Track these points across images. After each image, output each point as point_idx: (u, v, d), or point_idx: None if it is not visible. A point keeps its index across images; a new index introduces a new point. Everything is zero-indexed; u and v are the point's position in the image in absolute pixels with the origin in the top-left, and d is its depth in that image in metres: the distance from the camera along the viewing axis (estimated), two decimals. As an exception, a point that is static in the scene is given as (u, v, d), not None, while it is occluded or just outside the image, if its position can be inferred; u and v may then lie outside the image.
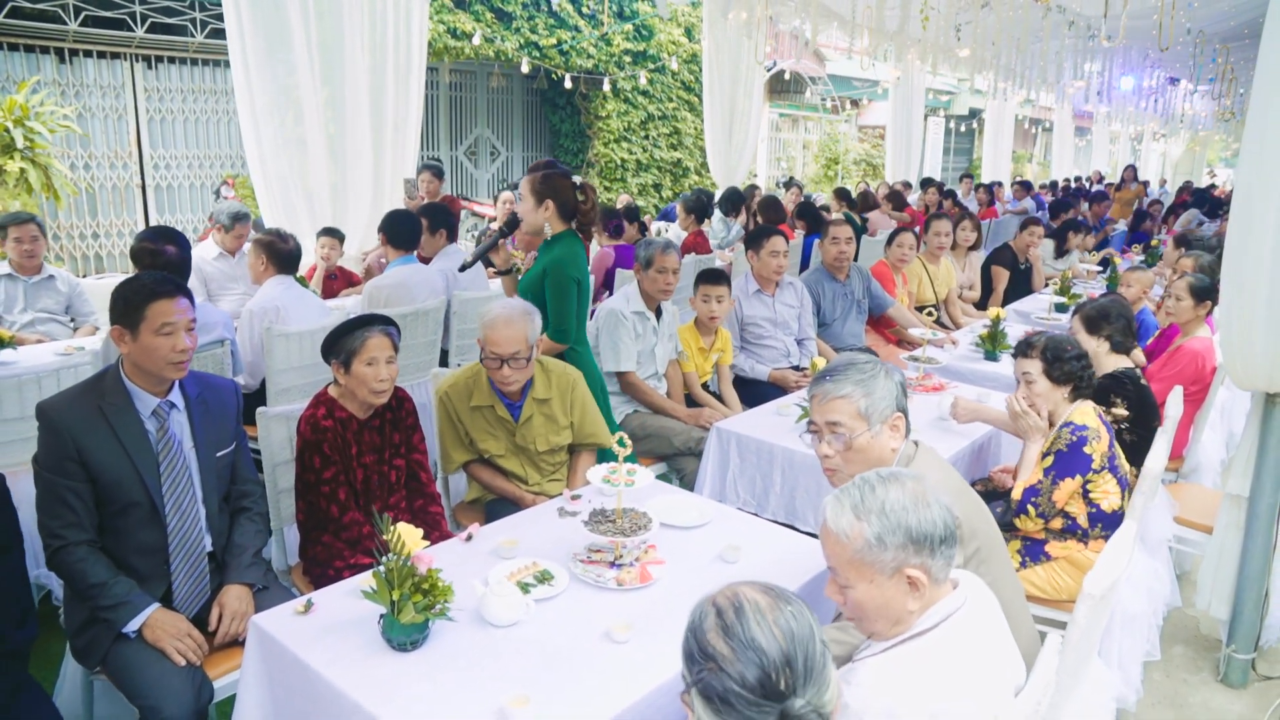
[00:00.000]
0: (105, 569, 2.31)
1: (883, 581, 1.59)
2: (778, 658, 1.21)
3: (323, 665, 1.95)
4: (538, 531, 2.61)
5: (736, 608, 1.26)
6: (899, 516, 1.57)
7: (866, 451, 2.16)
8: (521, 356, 2.92)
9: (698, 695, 1.24)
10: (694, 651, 1.26)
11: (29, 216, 4.92)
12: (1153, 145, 26.26)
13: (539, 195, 3.42)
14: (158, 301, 2.32)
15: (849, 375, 2.19)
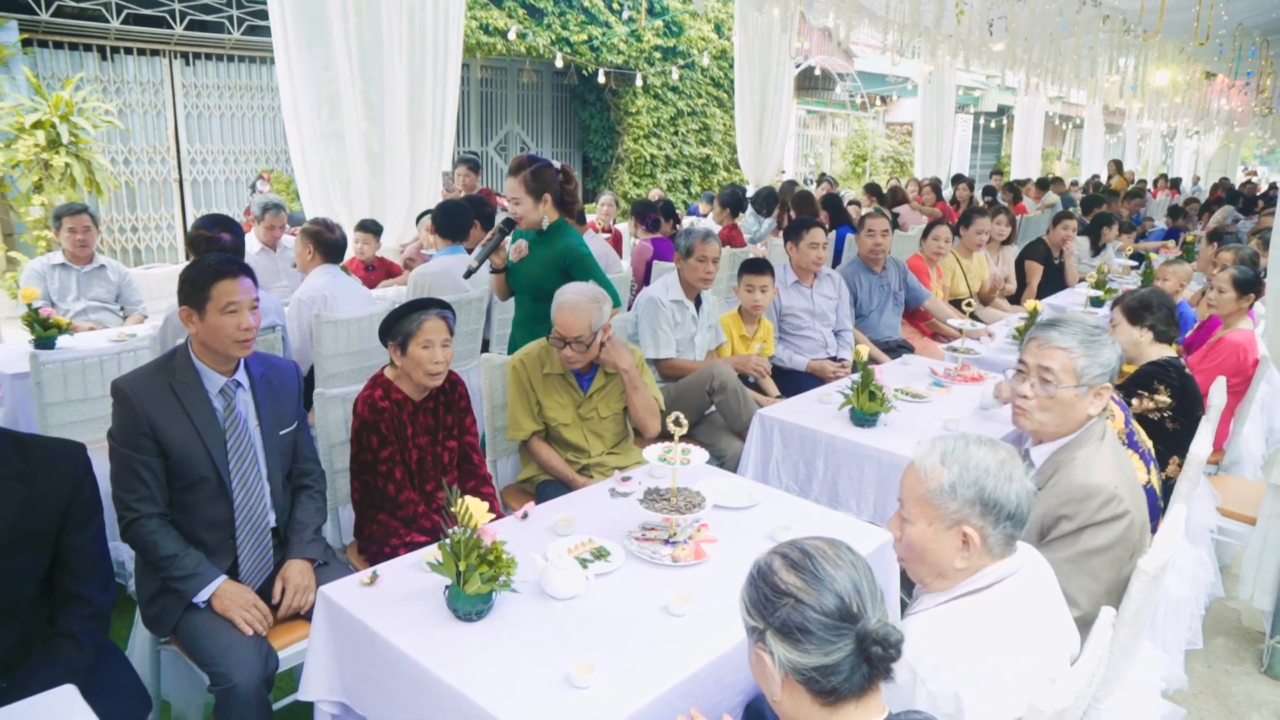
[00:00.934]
0: (176, 541, 2.38)
1: (940, 529, 1.68)
2: (848, 585, 1.32)
3: (391, 633, 2.02)
4: (591, 511, 2.66)
5: (802, 550, 1.38)
6: (977, 475, 1.65)
7: (1064, 407, 2.22)
8: (584, 340, 3.07)
9: (776, 635, 1.32)
10: (766, 595, 1.35)
11: (82, 207, 5.04)
12: (1185, 142, 25.96)
13: (535, 193, 3.51)
14: (222, 281, 2.40)
15: (1076, 332, 2.24)
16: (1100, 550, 2.08)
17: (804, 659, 1.30)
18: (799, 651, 1.31)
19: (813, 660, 1.30)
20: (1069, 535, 2.11)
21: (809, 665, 1.30)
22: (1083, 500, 2.10)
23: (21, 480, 2.01)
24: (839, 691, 1.30)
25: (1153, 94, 12.79)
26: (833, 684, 1.30)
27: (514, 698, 1.81)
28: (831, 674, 1.30)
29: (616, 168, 13.43)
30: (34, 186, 8.24)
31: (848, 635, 1.30)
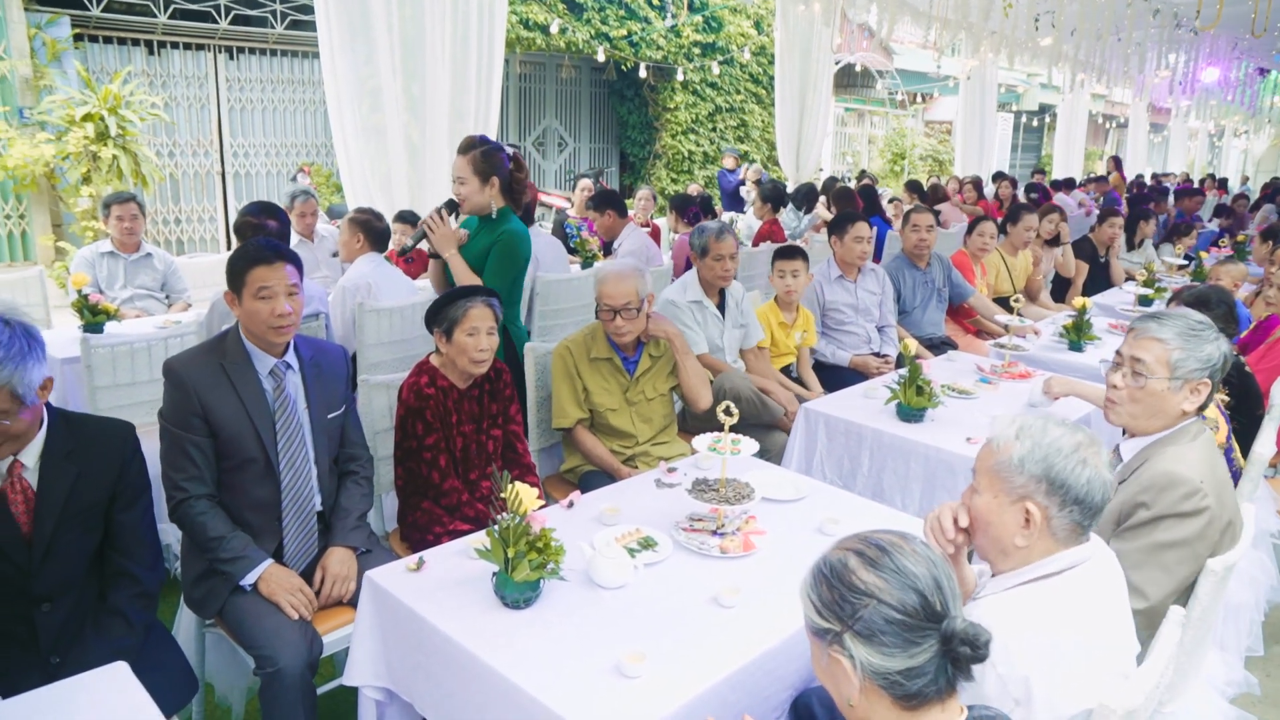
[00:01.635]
0: (224, 523, 2.39)
1: (1004, 502, 1.65)
2: (929, 581, 1.26)
3: (438, 619, 2.00)
4: (637, 501, 2.64)
5: (877, 546, 1.30)
6: (1048, 453, 1.62)
7: (1155, 399, 2.16)
8: (632, 307, 3.11)
9: (856, 637, 1.25)
10: (842, 595, 1.27)
11: (130, 195, 5.10)
12: (1234, 141, 25.40)
13: (483, 174, 3.34)
14: (257, 267, 2.39)
15: (1175, 324, 2.18)
16: (1176, 544, 2.01)
17: (887, 662, 1.23)
18: (882, 654, 1.24)
19: (897, 663, 1.23)
20: (1145, 524, 2.04)
21: (893, 669, 1.23)
22: (1164, 489, 2.03)
23: (72, 459, 2.02)
24: (923, 694, 1.24)
25: (1202, 91, 12.52)
26: (917, 687, 1.23)
27: (564, 686, 1.78)
28: (916, 676, 1.23)
29: (654, 164, 13.39)
30: (82, 178, 8.37)
31: (932, 635, 1.24)
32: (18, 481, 1.97)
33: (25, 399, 1.87)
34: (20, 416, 1.87)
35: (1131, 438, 2.28)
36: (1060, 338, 4.82)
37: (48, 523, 1.98)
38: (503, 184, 3.39)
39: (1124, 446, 2.28)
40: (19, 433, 1.89)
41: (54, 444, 2.00)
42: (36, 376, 1.88)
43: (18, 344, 1.86)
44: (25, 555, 1.96)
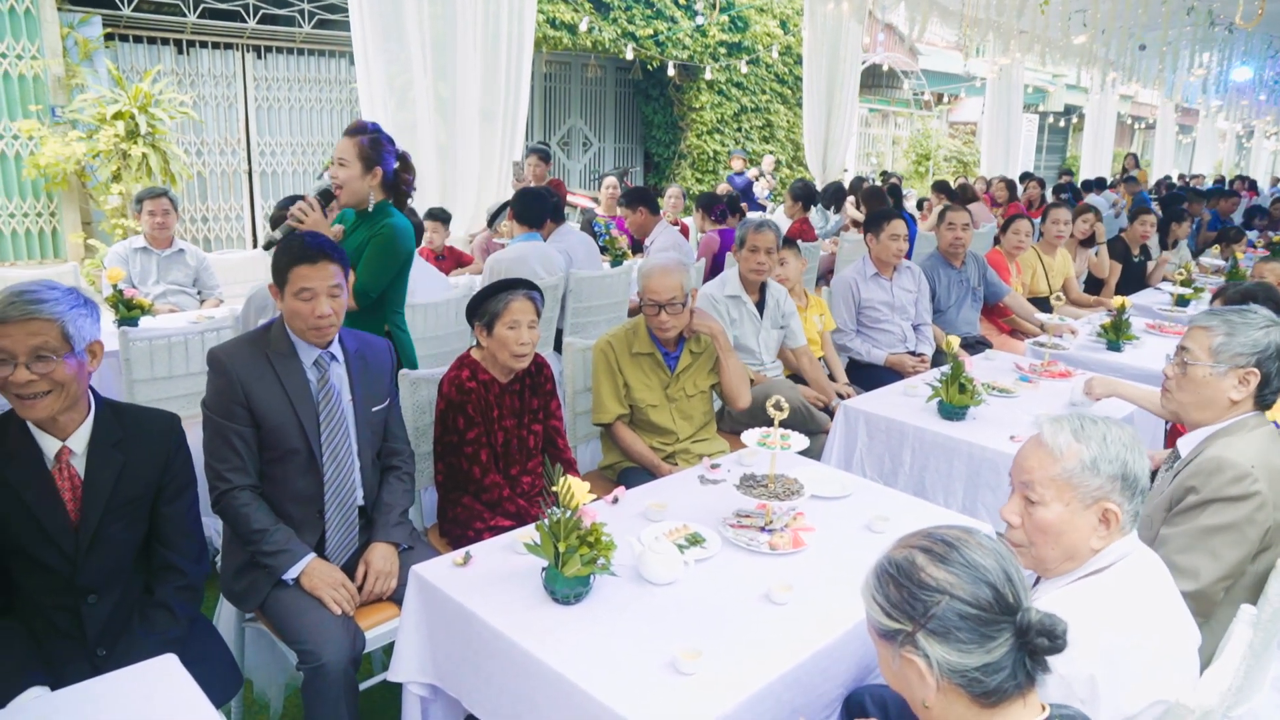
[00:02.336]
0: (268, 516, 2.37)
1: (1078, 509, 1.61)
2: (1000, 574, 1.23)
3: (487, 614, 1.98)
4: (682, 497, 2.60)
5: (943, 541, 1.26)
6: (1119, 451, 1.60)
7: (1200, 386, 2.15)
8: (677, 302, 3.10)
9: (930, 636, 1.21)
10: (912, 594, 1.23)
11: (162, 191, 5.13)
12: (1264, 143, 25.08)
13: (367, 161, 3.10)
14: (300, 266, 2.35)
15: (1227, 313, 2.18)
16: (1224, 528, 1.99)
17: (965, 659, 1.19)
18: (958, 651, 1.20)
19: (974, 659, 1.19)
20: (1193, 508, 2.03)
21: (971, 665, 1.19)
22: (1212, 474, 2.02)
23: (120, 448, 2.01)
24: (1003, 690, 1.20)
25: (1233, 91, 12.36)
26: (996, 683, 1.20)
27: (618, 682, 1.75)
28: (995, 672, 1.20)
29: (679, 163, 13.35)
30: (113, 176, 8.43)
31: (1007, 628, 1.20)
32: (66, 468, 1.96)
33: (74, 344, 1.87)
34: (66, 362, 1.86)
35: (1189, 432, 2.24)
36: (1099, 337, 4.75)
37: (94, 512, 1.96)
38: (385, 177, 3.18)
39: (1182, 443, 2.25)
40: (60, 380, 1.86)
41: (101, 432, 1.99)
42: (87, 329, 1.90)
43: (75, 296, 1.91)
44: (72, 543, 1.95)
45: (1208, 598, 2.00)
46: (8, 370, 1.81)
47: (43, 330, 1.83)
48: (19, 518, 1.90)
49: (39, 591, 1.97)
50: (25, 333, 1.82)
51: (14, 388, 1.84)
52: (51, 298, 1.86)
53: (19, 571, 1.96)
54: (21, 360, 1.82)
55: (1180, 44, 8.64)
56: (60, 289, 1.90)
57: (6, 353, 1.82)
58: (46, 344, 1.84)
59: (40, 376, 1.84)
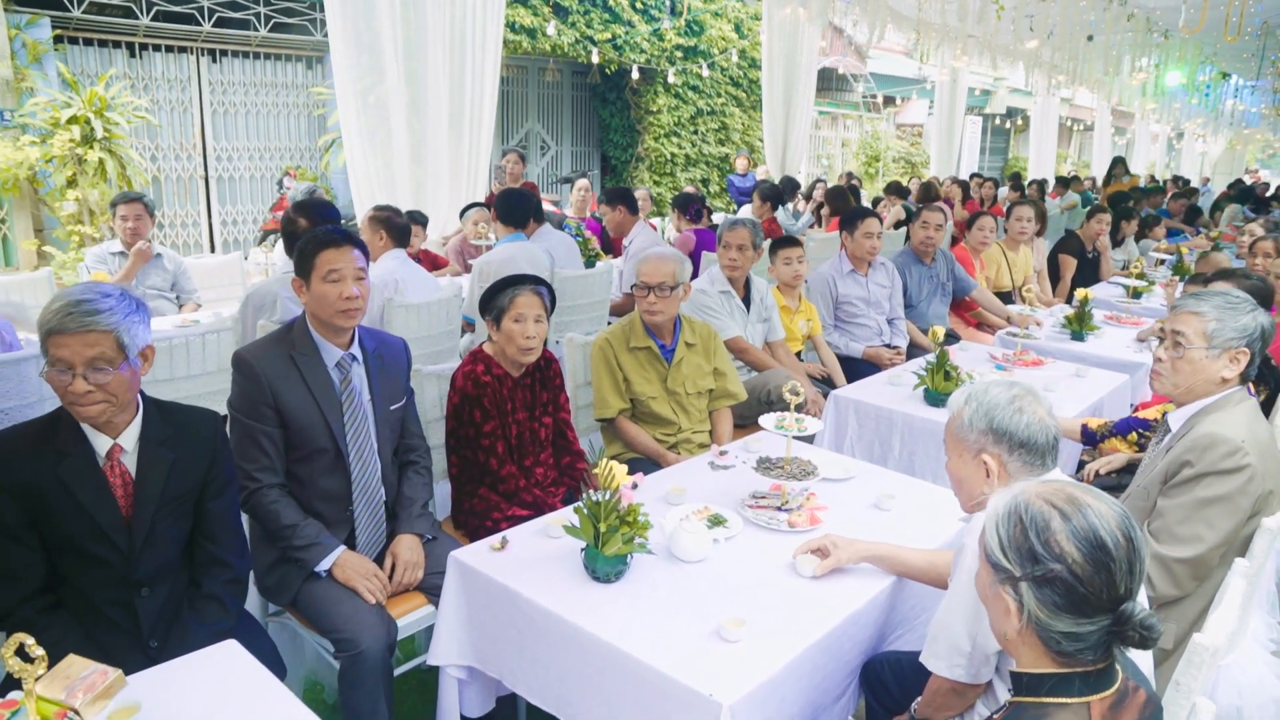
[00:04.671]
0: (296, 511, 2.42)
1: (967, 459, 1.91)
2: (1124, 565, 1.25)
3: (533, 593, 2.06)
4: (695, 482, 2.71)
5: (1083, 514, 1.27)
6: (989, 409, 1.86)
7: (1195, 368, 2.31)
8: (666, 286, 3.23)
9: (1031, 588, 1.26)
10: (1032, 548, 1.27)
11: (137, 195, 5.07)
12: (1192, 144, 26.11)
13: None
14: (325, 250, 2.42)
15: (1213, 299, 2.33)
16: (1218, 499, 2.16)
17: (1053, 621, 1.26)
18: (1050, 613, 1.26)
19: (1062, 626, 1.25)
20: (1189, 481, 2.19)
21: (1056, 629, 1.26)
22: (1206, 449, 2.18)
23: (168, 445, 2.05)
24: (1078, 657, 1.27)
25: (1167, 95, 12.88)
26: (1073, 650, 1.26)
27: (668, 650, 1.85)
28: (1075, 641, 1.26)
29: (636, 166, 13.47)
30: (68, 181, 8.27)
31: (1107, 616, 1.25)
32: (116, 465, 1.99)
33: (128, 352, 1.90)
34: (119, 371, 1.88)
35: (1178, 408, 2.41)
36: (1063, 328, 4.97)
37: (147, 508, 2.00)
38: None
39: (1172, 417, 2.41)
40: (115, 391, 1.89)
41: (150, 431, 2.03)
42: (140, 335, 1.93)
43: (127, 302, 1.94)
44: (126, 539, 1.98)
45: (1205, 563, 2.17)
46: (67, 380, 1.84)
47: (99, 341, 1.86)
48: (73, 515, 1.93)
49: (92, 586, 1.99)
50: (82, 344, 1.84)
51: (71, 396, 1.87)
52: (106, 307, 1.88)
53: (71, 568, 1.98)
54: (79, 371, 1.85)
55: (1122, 48, 9.01)
56: (114, 295, 1.92)
57: (65, 363, 1.84)
58: (103, 355, 1.86)
59: (97, 388, 1.87)
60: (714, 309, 3.96)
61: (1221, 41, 7.81)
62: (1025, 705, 1.31)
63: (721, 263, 4.10)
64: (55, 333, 1.84)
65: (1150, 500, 2.30)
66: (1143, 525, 2.28)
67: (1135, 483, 2.44)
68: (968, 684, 1.84)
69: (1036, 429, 1.85)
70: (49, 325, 1.84)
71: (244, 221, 10.76)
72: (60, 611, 2.01)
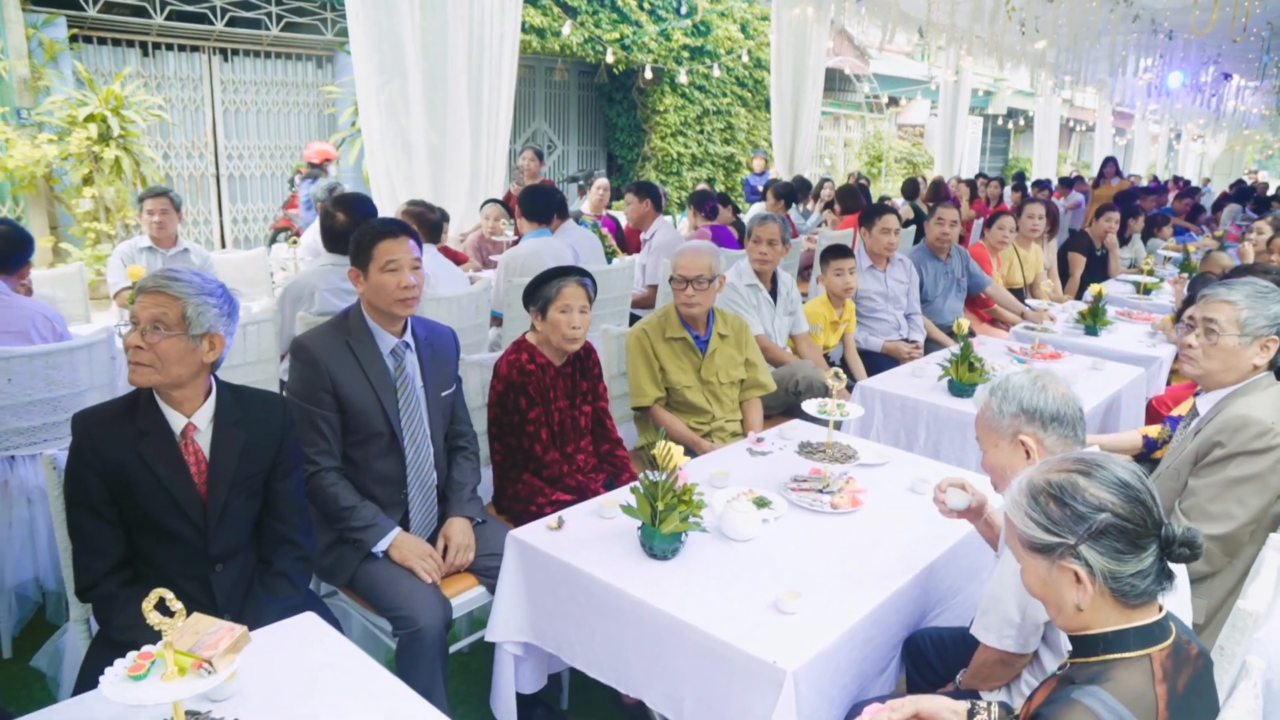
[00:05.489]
0: (353, 494, 2.50)
1: (1004, 445, 2.01)
2: (1146, 492, 1.39)
3: (594, 570, 2.14)
4: (738, 466, 2.79)
5: (1097, 465, 1.42)
6: (1015, 393, 1.99)
7: (1227, 355, 2.41)
8: (704, 279, 3.33)
9: (1093, 548, 1.36)
10: (1076, 511, 1.38)
11: (164, 190, 5.15)
12: (1191, 145, 26.27)
13: None
14: (383, 241, 2.51)
15: (1244, 288, 2.42)
16: (1249, 479, 2.25)
17: (1122, 567, 1.35)
18: (1118, 561, 1.35)
19: (1130, 568, 1.35)
20: (1220, 461, 2.29)
21: (1127, 573, 1.35)
22: (1237, 430, 2.27)
23: (241, 427, 2.13)
24: (1148, 593, 1.37)
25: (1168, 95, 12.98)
26: (1143, 587, 1.36)
27: (729, 622, 1.93)
28: (1144, 578, 1.36)
29: (643, 166, 13.55)
30: (83, 179, 8.33)
31: (1154, 540, 1.37)
32: (190, 444, 2.06)
33: (190, 326, 1.97)
34: (173, 339, 1.95)
35: (1207, 393, 2.50)
36: (1076, 323, 5.06)
37: (221, 487, 2.07)
38: None
39: (1200, 402, 2.51)
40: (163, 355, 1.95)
41: (223, 412, 2.11)
42: (209, 320, 2.00)
43: (212, 286, 2.03)
44: (202, 516, 2.05)
45: (1236, 540, 2.26)
46: (133, 333, 1.95)
47: (165, 305, 1.96)
48: (153, 491, 2.01)
49: (169, 562, 2.07)
50: (153, 303, 1.96)
51: (128, 351, 1.97)
52: (185, 279, 1.99)
53: (150, 544, 2.06)
54: (141, 326, 1.95)
55: (1127, 49, 9.11)
56: (202, 278, 2.02)
57: (136, 318, 1.96)
58: (164, 317, 1.96)
59: (147, 346, 1.95)
60: (741, 303, 4.05)
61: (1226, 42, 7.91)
62: (1086, 664, 1.40)
63: (751, 256, 4.18)
64: (139, 292, 1.98)
65: (1180, 481, 2.38)
66: (1173, 505, 2.37)
67: (1164, 464, 2.53)
68: (1016, 654, 1.92)
69: (1063, 403, 1.97)
70: (138, 286, 1.99)
71: (255, 219, 10.82)
72: (139, 585, 2.08)
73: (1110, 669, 1.36)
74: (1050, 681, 1.47)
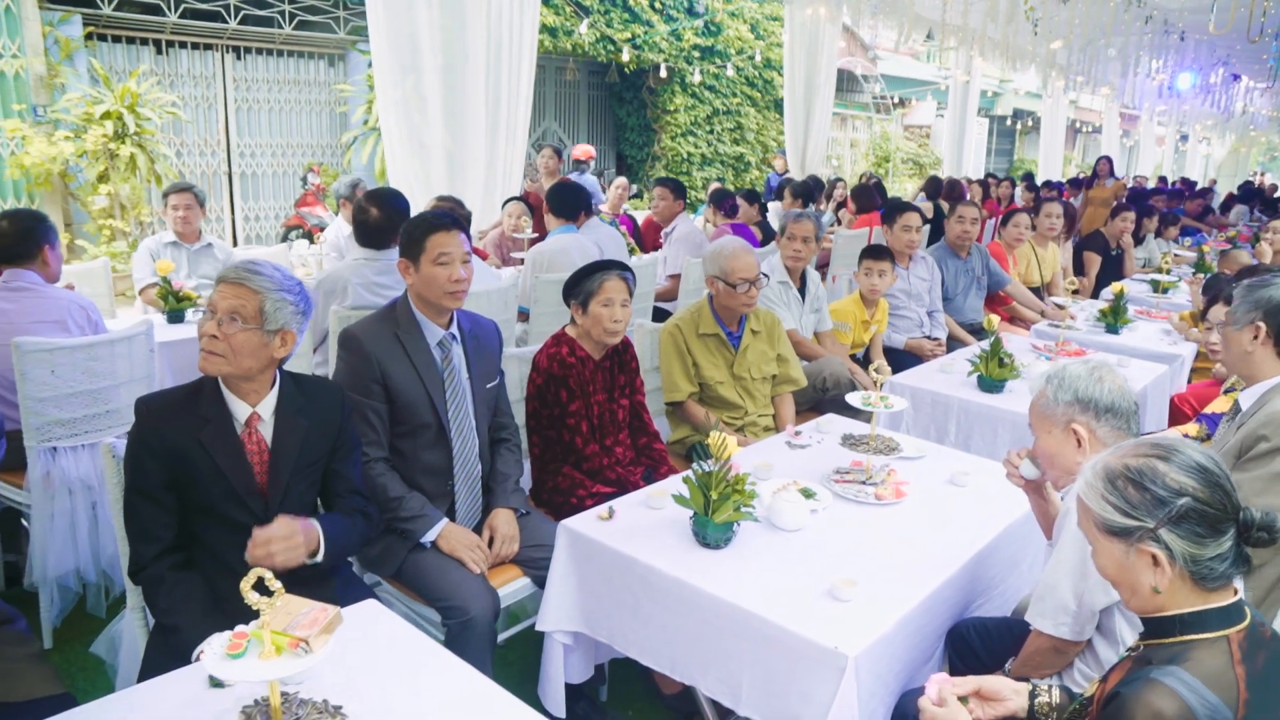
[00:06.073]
0: (401, 484, 2.52)
1: (1056, 432, 2.04)
2: (1223, 477, 1.41)
3: (650, 558, 2.17)
4: (778, 459, 2.81)
5: (1175, 450, 1.43)
6: (1071, 382, 2.03)
7: (1229, 342, 2.56)
8: (759, 279, 3.39)
9: (1173, 531, 1.38)
10: (1155, 495, 1.40)
11: (188, 185, 5.16)
12: (1197, 147, 26.32)
13: None
14: (435, 234, 2.52)
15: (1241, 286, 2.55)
16: None
17: (1202, 551, 1.37)
18: (1198, 544, 1.37)
19: (1210, 551, 1.37)
20: (1265, 455, 2.32)
21: (1206, 556, 1.37)
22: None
23: (303, 415, 2.15)
24: (1225, 576, 1.39)
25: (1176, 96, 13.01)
26: (1221, 570, 1.38)
27: (787, 608, 1.96)
28: (1222, 561, 1.38)
29: (653, 165, 13.58)
30: (99, 177, 8.36)
31: (1231, 524, 1.39)
32: (254, 433, 2.08)
33: (265, 321, 1.99)
34: (248, 332, 1.97)
35: (1248, 388, 2.53)
36: (1097, 321, 5.09)
37: (281, 473, 2.09)
38: None
39: (1242, 397, 2.54)
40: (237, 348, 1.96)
41: (286, 401, 2.13)
42: (285, 317, 2.02)
43: (292, 284, 2.04)
44: (261, 504, 2.07)
45: None
46: (210, 322, 1.97)
47: (244, 297, 1.99)
48: (212, 478, 2.03)
49: (227, 548, 2.08)
50: (232, 294, 1.99)
51: (201, 340, 1.99)
52: (266, 273, 2.02)
53: (208, 529, 2.08)
54: (217, 316, 1.98)
55: (1140, 49, 9.14)
56: (282, 274, 2.04)
57: (213, 306, 1.99)
58: (241, 309, 1.98)
59: (222, 337, 1.97)
60: (773, 300, 4.08)
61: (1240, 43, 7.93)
62: (1164, 646, 1.42)
63: (785, 254, 4.19)
64: (219, 281, 2.00)
65: None
66: None
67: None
68: (1070, 641, 1.94)
69: (1118, 395, 2.01)
70: (219, 276, 2.01)
71: (266, 217, 10.85)
72: (191, 569, 2.10)
73: (1189, 650, 1.38)
74: (1125, 662, 1.49)
